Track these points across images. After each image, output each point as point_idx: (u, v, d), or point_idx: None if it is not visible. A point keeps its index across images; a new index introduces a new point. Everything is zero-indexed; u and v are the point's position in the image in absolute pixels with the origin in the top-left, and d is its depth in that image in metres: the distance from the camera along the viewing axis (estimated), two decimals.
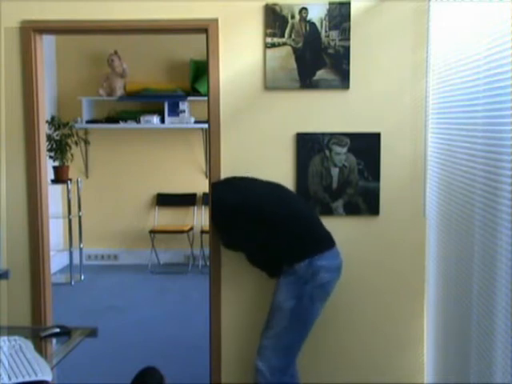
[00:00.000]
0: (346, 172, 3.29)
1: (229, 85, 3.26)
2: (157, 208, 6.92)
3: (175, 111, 6.61)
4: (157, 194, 6.93)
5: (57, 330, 2.33)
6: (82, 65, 6.73)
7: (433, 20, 3.09)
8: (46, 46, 3.61)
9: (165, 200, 6.90)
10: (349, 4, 3.19)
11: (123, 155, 6.84)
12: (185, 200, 6.85)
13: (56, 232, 6.34)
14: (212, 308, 3.38)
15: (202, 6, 3.21)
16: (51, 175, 6.09)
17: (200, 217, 6.84)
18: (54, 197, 6.15)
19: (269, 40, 3.22)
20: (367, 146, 3.27)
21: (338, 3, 3.19)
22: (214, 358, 3.40)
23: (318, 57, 3.22)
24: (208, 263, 3.71)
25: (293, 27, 3.21)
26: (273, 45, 3.22)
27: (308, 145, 3.28)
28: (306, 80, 3.24)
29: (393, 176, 3.29)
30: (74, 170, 6.55)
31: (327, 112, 3.27)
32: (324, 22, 3.20)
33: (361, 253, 3.34)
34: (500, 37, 2.06)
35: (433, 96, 3.14)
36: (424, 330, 3.36)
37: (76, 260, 6.49)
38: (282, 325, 2.96)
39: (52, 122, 6.06)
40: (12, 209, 3.36)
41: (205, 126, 5.96)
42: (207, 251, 5.96)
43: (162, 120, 6.60)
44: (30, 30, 3.26)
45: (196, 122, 6.54)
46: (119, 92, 6.60)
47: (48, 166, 3.84)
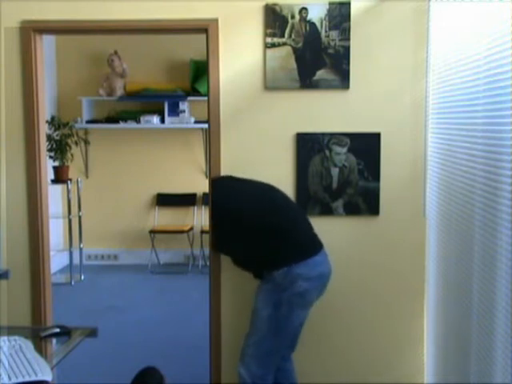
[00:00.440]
0: (346, 172, 3.29)
1: (229, 85, 3.26)
2: (157, 208, 6.92)
3: (175, 111, 6.61)
4: (157, 194, 6.92)
5: (57, 330, 2.33)
6: (82, 65, 6.73)
7: (433, 20, 3.10)
8: (46, 46, 3.61)
9: (165, 200, 6.90)
10: (349, 4, 3.19)
11: (123, 155, 6.84)
12: (185, 200, 6.85)
13: (56, 232, 6.34)
14: (212, 308, 3.38)
15: (202, 6, 3.21)
16: (51, 175, 6.09)
17: (200, 217, 6.84)
18: (54, 197, 6.15)
19: (269, 40, 3.22)
20: (367, 146, 3.27)
21: (338, 3, 3.19)
22: (214, 358, 3.40)
23: (318, 57, 3.22)
24: (208, 263, 3.71)
25: (293, 27, 3.21)
26: (273, 45, 3.22)
27: (308, 145, 3.28)
28: (306, 80, 3.24)
29: (393, 176, 3.29)
30: (74, 170, 6.55)
31: (327, 112, 3.28)
32: (324, 22, 3.20)
33: (361, 253, 3.35)
34: (500, 37, 2.06)
35: (433, 96, 3.14)
36: (424, 330, 3.36)
37: (76, 260, 6.48)
38: (261, 332, 2.93)
39: (52, 122, 6.06)
40: (12, 209, 3.36)
41: (205, 126, 5.95)
42: (207, 251, 5.97)
43: (162, 120, 6.60)
44: (30, 30, 3.26)
45: (196, 122, 6.53)
46: (119, 92, 6.60)
47: (48, 166, 3.84)
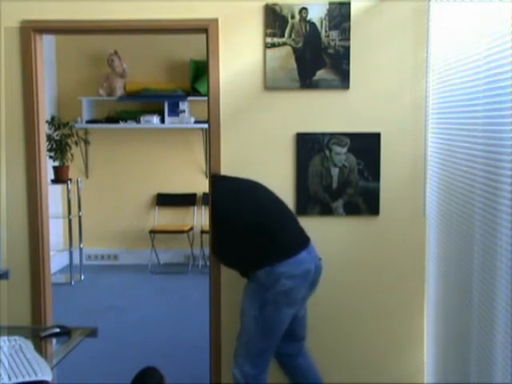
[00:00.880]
0: (346, 172, 3.29)
1: (229, 85, 3.26)
2: (157, 208, 6.92)
3: (175, 111, 6.61)
4: (157, 194, 6.92)
5: (57, 330, 2.33)
6: (82, 65, 6.73)
7: (433, 20, 3.10)
8: (46, 46, 3.61)
9: (165, 200, 6.90)
10: (349, 4, 3.19)
11: (123, 155, 6.84)
12: (185, 200, 6.85)
13: (56, 232, 6.34)
14: (212, 308, 3.38)
15: (202, 6, 3.21)
16: (51, 175, 6.09)
17: (200, 217, 6.84)
18: (54, 197, 6.15)
19: (269, 40, 3.22)
20: (367, 146, 3.27)
21: (338, 3, 3.19)
22: (214, 358, 3.40)
23: (318, 57, 3.22)
24: (208, 263, 3.72)
25: (293, 27, 3.21)
26: (273, 45, 3.22)
27: (308, 145, 3.28)
28: (306, 80, 3.24)
29: (393, 176, 3.29)
30: (74, 170, 6.55)
31: (327, 112, 3.28)
32: (324, 22, 3.20)
33: (361, 253, 3.35)
34: (500, 37, 2.06)
35: (433, 96, 3.14)
36: (424, 330, 3.36)
37: (76, 260, 6.48)
38: (250, 332, 2.91)
39: (52, 122, 6.06)
40: (12, 209, 3.36)
41: (205, 126, 5.95)
42: (207, 251, 5.98)
43: (162, 120, 6.60)
44: (30, 30, 3.26)
45: (196, 122, 6.53)
46: (119, 92, 6.60)
47: (48, 166, 3.84)
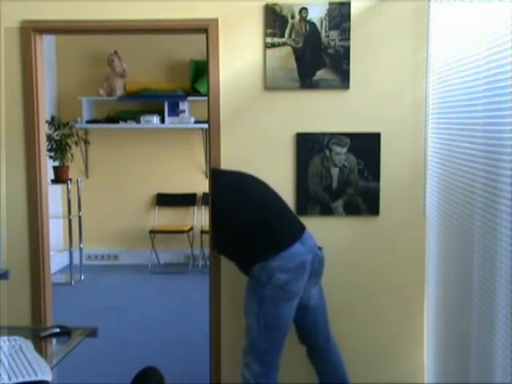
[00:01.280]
0: (346, 172, 3.29)
1: (229, 85, 3.26)
2: (157, 208, 6.92)
3: (175, 111, 6.61)
4: (157, 194, 6.92)
5: (57, 330, 2.33)
6: (82, 65, 6.73)
7: (433, 20, 3.10)
8: (46, 46, 3.61)
9: (165, 200, 6.90)
10: (349, 4, 3.19)
11: (123, 155, 6.84)
12: (185, 200, 6.85)
13: (56, 232, 6.34)
14: (212, 308, 3.38)
15: (202, 6, 3.21)
16: (51, 175, 6.09)
17: (200, 217, 6.84)
18: (54, 197, 6.15)
19: (269, 40, 3.22)
20: (367, 146, 3.27)
21: (338, 3, 3.19)
22: (214, 358, 3.40)
23: (318, 57, 3.22)
24: (208, 263, 3.72)
25: (293, 27, 3.21)
26: (273, 45, 3.22)
27: (308, 145, 3.28)
28: (306, 80, 3.24)
29: (393, 176, 3.29)
30: (74, 170, 6.55)
31: (327, 112, 3.28)
32: (324, 22, 3.20)
33: (361, 253, 3.34)
34: (500, 37, 2.06)
35: (433, 96, 3.14)
36: (424, 330, 3.36)
37: (76, 260, 6.48)
38: (254, 330, 2.91)
39: (52, 122, 6.06)
40: (12, 209, 3.36)
41: (205, 126, 5.95)
42: (207, 251, 5.98)
43: (162, 120, 6.60)
44: (30, 30, 3.26)
45: (196, 122, 6.53)
46: (119, 92, 6.60)
47: (48, 166, 3.84)
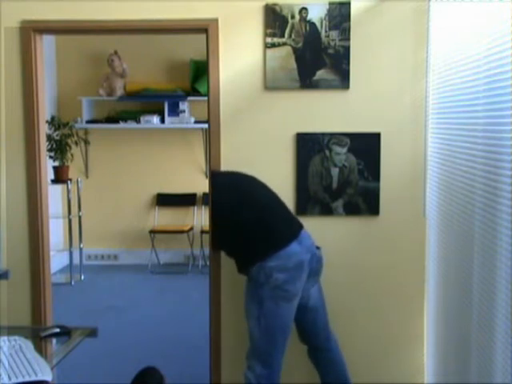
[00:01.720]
0: (346, 172, 3.29)
1: (229, 85, 3.26)
2: (157, 208, 6.92)
3: (175, 111, 6.60)
4: (157, 194, 6.92)
5: (57, 330, 2.33)
6: (82, 65, 6.73)
7: (433, 20, 3.09)
8: (46, 46, 3.61)
9: (165, 200, 6.90)
10: (349, 4, 3.19)
11: (123, 155, 6.84)
12: (185, 200, 6.85)
13: (56, 232, 6.33)
14: (212, 308, 3.38)
15: (202, 6, 3.21)
16: (51, 175, 6.09)
17: (200, 217, 6.84)
18: (54, 197, 6.15)
19: (269, 40, 3.22)
20: (367, 146, 3.27)
21: (338, 3, 3.19)
22: (214, 358, 3.39)
23: (318, 57, 3.22)
24: (208, 263, 3.72)
25: (293, 27, 3.21)
26: (273, 45, 3.22)
27: (308, 145, 3.28)
28: (306, 80, 3.24)
29: (393, 176, 3.29)
30: (74, 170, 6.55)
31: (327, 112, 3.28)
32: (324, 22, 3.20)
33: (361, 253, 3.34)
34: (500, 37, 2.06)
35: (433, 96, 3.14)
36: (424, 330, 3.36)
37: (76, 260, 6.48)
38: (255, 332, 2.89)
39: (52, 122, 6.06)
40: (12, 209, 3.36)
41: (205, 126, 5.95)
42: (207, 251, 5.98)
43: (162, 120, 6.60)
44: (30, 30, 3.26)
45: (196, 122, 6.53)
46: (119, 92, 6.60)
47: (48, 166, 3.84)
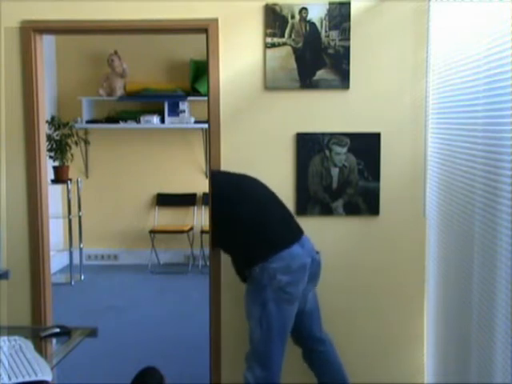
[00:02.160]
0: (346, 172, 3.29)
1: (229, 85, 3.26)
2: (157, 208, 6.92)
3: (175, 111, 6.60)
4: (157, 194, 6.92)
5: (57, 330, 2.34)
6: (82, 65, 6.73)
7: (433, 20, 3.10)
8: (46, 46, 3.61)
9: (165, 200, 6.89)
10: (349, 4, 3.19)
11: (123, 155, 6.84)
12: (185, 200, 6.85)
13: (56, 232, 6.33)
14: (212, 308, 3.38)
15: (202, 6, 3.21)
16: (51, 175, 6.09)
17: (200, 217, 6.84)
18: (54, 197, 6.15)
19: (269, 40, 3.22)
20: (367, 146, 3.27)
21: (338, 3, 3.19)
22: (214, 358, 3.39)
23: (318, 57, 3.22)
24: (208, 263, 3.72)
25: (293, 27, 3.21)
26: (273, 45, 3.22)
27: (308, 145, 3.28)
28: (306, 80, 3.24)
29: (393, 176, 3.29)
30: (74, 170, 6.55)
31: (327, 112, 3.28)
32: (324, 22, 3.20)
33: (361, 253, 3.34)
34: (500, 37, 2.06)
35: (433, 96, 3.14)
36: (424, 330, 3.36)
37: (76, 260, 6.48)
38: (256, 334, 2.89)
39: (52, 122, 6.06)
40: (12, 209, 3.36)
41: (205, 126, 5.95)
42: (207, 251, 5.97)
43: (162, 120, 6.60)
44: (30, 30, 3.26)
45: (196, 122, 6.53)
46: (119, 92, 6.60)
47: (48, 166, 3.84)
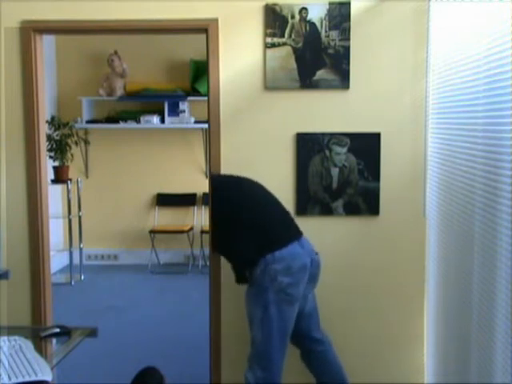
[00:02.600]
0: (346, 172, 3.29)
1: (229, 85, 3.26)
2: (157, 208, 6.92)
3: (175, 111, 6.60)
4: (157, 194, 6.92)
5: (57, 330, 2.33)
6: (82, 65, 6.73)
7: (433, 20, 3.10)
8: (46, 46, 3.61)
9: (165, 200, 6.89)
10: (349, 4, 3.19)
11: (123, 155, 6.84)
12: (185, 200, 6.85)
13: (56, 232, 6.33)
14: (212, 308, 3.38)
15: (202, 6, 3.21)
16: (51, 175, 6.09)
17: (200, 217, 6.84)
18: (54, 197, 6.15)
19: (269, 40, 3.22)
20: (367, 146, 3.27)
21: (338, 3, 3.19)
22: (214, 358, 3.40)
23: (318, 57, 3.22)
24: (208, 263, 3.71)
25: (293, 27, 3.21)
26: (273, 45, 3.22)
27: (308, 145, 3.28)
28: (306, 80, 3.24)
29: (393, 176, 3.29)
30: (74, 170, 6.55)
31: (327, 112, 3.28)
32: (324, 22, 3.20)
33: (361, 253, 3.34)
34: (500, 37, 2.07)
35: (433, 96, 3.14)
36: (424, 330, 3.36)
37: (76, 260, 6.48)
38: (258, 336, 2.90)
39: (52, 122, 6.06)
40: (12, 209, 3.36)
41: (205, 126, 5.95)
42: (207, 251, 5.98)
43: (162, 120, 6.60)
44: (30, 30, 3.26)
45: (196, 122, 6.53)
46: (119, 92, 6.60)
47: (48, 166, 3.84)
